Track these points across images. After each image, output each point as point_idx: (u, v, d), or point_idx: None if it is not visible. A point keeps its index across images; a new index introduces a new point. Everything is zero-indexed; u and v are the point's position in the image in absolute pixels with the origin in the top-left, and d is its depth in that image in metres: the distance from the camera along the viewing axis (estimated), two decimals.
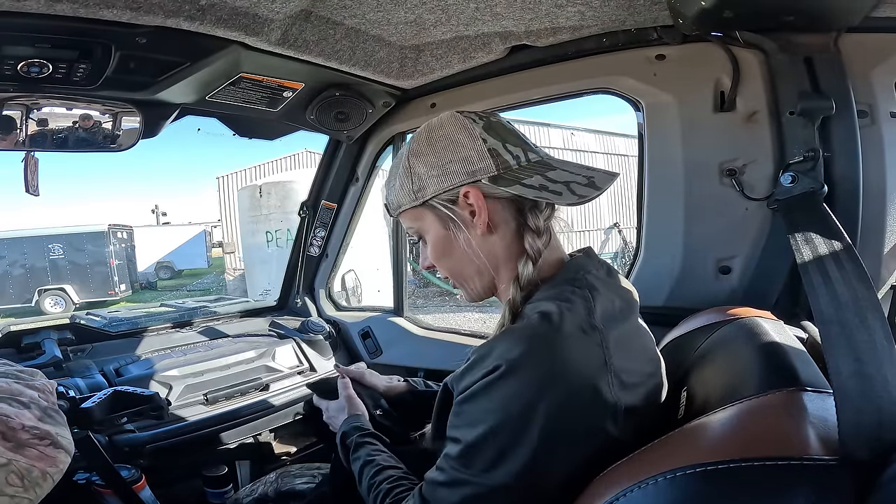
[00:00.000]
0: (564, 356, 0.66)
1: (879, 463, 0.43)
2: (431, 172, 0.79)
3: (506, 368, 0.65)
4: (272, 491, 1.12)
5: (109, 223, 13.49)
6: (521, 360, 0.65)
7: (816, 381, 0.62)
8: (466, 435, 0.67)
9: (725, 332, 0.90)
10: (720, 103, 1.24)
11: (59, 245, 12.82)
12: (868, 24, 1.07)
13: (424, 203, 0.80)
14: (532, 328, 0.68)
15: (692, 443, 0.56)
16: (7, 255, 12.53)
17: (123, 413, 1.25)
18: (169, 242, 16.40)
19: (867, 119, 1.11)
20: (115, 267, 13.16)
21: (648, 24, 1.25)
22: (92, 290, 12.90)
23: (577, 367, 0.66)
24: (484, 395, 0.66)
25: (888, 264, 1.13)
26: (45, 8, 1.06)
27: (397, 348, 1.93)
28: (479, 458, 0.65)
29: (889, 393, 0.48)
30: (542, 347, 0.66)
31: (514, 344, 0.66)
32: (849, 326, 0.56)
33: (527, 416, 0.64)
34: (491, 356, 0.67)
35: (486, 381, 0.66)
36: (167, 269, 16.29)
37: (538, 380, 0.64)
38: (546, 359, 0.65)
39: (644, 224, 1.36)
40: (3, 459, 0.73)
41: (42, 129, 1.37)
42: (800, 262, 0.74)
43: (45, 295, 12.65)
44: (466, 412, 0.68)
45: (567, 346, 0.67)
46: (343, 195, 2.05)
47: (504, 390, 0.65)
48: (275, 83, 1.54)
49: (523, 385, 0.64)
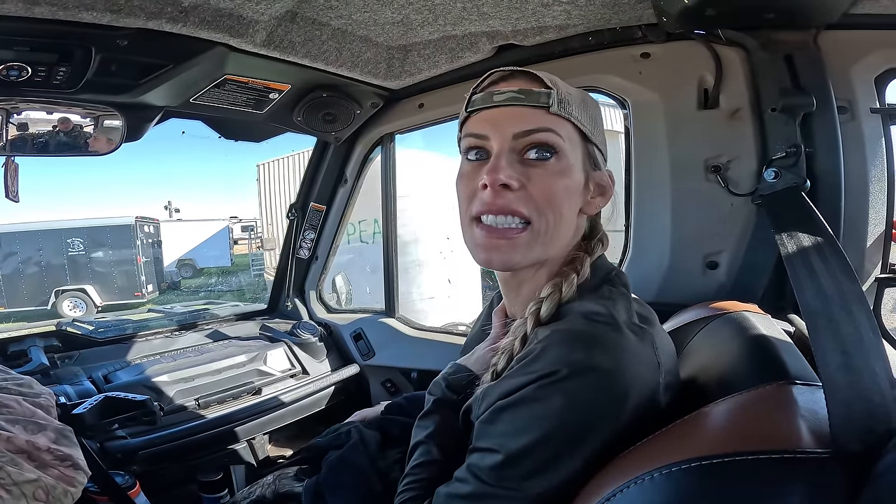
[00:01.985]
0: (628, 359, 0.61)
1: (871, 454, 0.44)
2: (601, 129, 0.76)
3: (568, 372, 0.59)
4: (270, 493, 1.11)
5: (137, 215, 11.84)
6: (585, 364, 0.59)
7: (805, 373, 0.63)
8: (509, 443, 0.61)
9: (714, 326, 0.91)
10: (704, 101, 1.26)
11: (79, 240, 11.21)
12: (846, 21, 1.09)
13: (590, 140, 0.74)
14: (590, 329, 0.63)
15: (687, 437, 0.57)
16: (20, 250, 10.98)
17: (115, 419, 1.24)
18: (190, 238, 14.87)
19: (847, 115, 1.13)
20: (142, 265, 11.57)
21: (633, 22, 1.27)
22: (116, 291, 11.35)
23: (639, 371, 0.62)
24: (538, 400, 0.60)
25: (871, 257, 1.16)
26: (24, 11, 1.04)
27: (389, 349, 1.92)
28: (519, 468, 0.60)
29: (877, 385, 0.49)
30: (606, 351, 0.61)
31: (573, 347, 0.61)
32: (835, 319, 0.57)
33: (588, 425, 0.59)
34: (543, 359, 0.61)
35: (539, 385, 0.60)
36: (189, 267, 14.98)
37: (606, 386, 0.59)
38: (612, 364, 0.60)
39: (632, 221, 1.38)
40: (34, 476, 0.80)
41: (22, 134, 1.34)
42: (785, 256, 0.76)
43: (63, 296, 11.13)
44: (511, 419, 0.62)
45: (629, 349, 0.62)
46: (332, 197, 2.04)
47: (565, 397, 0.59)
48: (261, 85, 1.52)
49: (588, 391, 0.59)
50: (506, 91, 0.71)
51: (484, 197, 0.70)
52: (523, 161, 0.70)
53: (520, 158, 0.70)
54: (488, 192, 0.69)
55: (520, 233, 0.69)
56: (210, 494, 1.48)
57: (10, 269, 10.97)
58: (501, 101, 0.70)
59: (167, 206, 17.72)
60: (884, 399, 0.48)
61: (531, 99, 0.69)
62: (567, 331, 0.64)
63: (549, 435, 0.59)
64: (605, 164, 0.78)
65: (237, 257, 16.17)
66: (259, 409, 1.61)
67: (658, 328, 0.72)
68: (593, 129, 0.74)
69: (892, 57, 1.13)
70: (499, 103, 0.71)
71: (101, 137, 1.44)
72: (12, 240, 10.90)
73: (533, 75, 0.72)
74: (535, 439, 0.59)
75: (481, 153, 0.72)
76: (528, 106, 0.69)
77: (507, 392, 0.63)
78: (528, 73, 0.72)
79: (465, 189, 0.74)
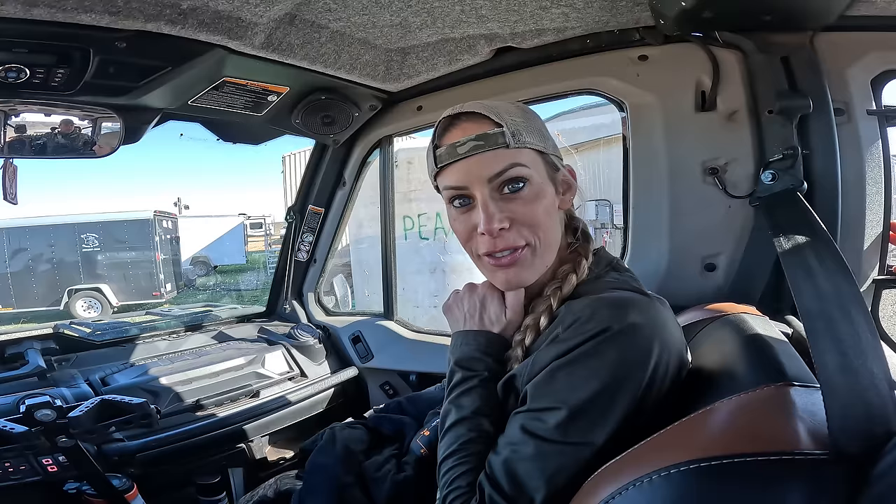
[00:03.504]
0: (663, 319, 0.70)
1: (870, 456, 0.44)
2: (547, 133, 0.83)
3: (619, 328, 0.66)
4: (272, 492, 1.12)
5: (155, 209, 11.07)
6: (630, 321, 0.67)
7: (803, 375, 0.63)
8: (570, 398, 0.66)
9: (713, 328, 0.91)
10: (701, 103, 1.26)
11: (93, 235, 10.39)
12: (843, 23, 1.10)
13: (544, 153, 0.81)
14: (624, 297, 0.73)
15: (686, 439, 0.57)
16: (30, 246, 10.19)
17: (112, 422, 1.23)
18: (204, 235, 14.26)
19: (844, 117, 1.13)
20: (160, 263, 10.77)
21: (631, 25, 1.27)
22: (133, 290, 10.57)
23: (672, 329, 0.71)
24: (593, 356, 0.67)
25: (868, 258, 1.16)
26: (23, 13, 1.04)
27: (388, 352, 1.92)
28: (584, 420, 0.66)
29: (875, 387, 0.49)
30: (643, 312, 0.69)
31: (617, 309, 0.69)
32: (833, 321, 0.57)
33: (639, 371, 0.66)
34: (594, 319, 0.68)
35: (595, 342, 0.67)
36: (203, 264, 14.41)
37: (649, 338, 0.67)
38: (651, 321, 0.68)
39: (630, 223, 1.38)
40: None
41: (20, 136, 1.34)
42: (782, 257, 0.76)
43: (77, 296, 10.35)
44: (569, 376, 0.68)
45: (661, 311, 0.72)
46: (330, 199, 2.04)
47: (618, 350, 0.66)
48: (259, 87, 1.52)
49: (636, 343, 0.67)
50: (465, 142, 0.78)
51: (485, 240, 0.79)
52: (502, 197, 0.78)
53: (499, 195, 0.78)
54: (487, 237, 0.78)
55: (522, 251, 0.79)
56: (207, 497, 1.48)
57: (19, 267, 10.20)
58: (465, 153, 0.78)
59: (176, 203, 16.40)
60: (882, 400, 0.48)
61: (490, 143, 0.77)
62: (606, 298, 0.73)
63: (607, 385, 0.66)
64: (562, 162, 0.86)
65: (249, 255, 15.85)
66: (257, 411, 1.60)
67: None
68: (545, 142, 0.82)
69: (888, 58, 1.13)
70: (463, 155, 0.78)
71: (99, 139, 1.44)
72: (22, 235, 10.17)
73: (480, 115, 0.79)
74: (596, 390, 0.66)
75: (464, 200, 0.81)
76: (490, 150, 0.77)
77: (561, 353, 0.69)
78: (476, 114, 0.79)
79: (462, 231, 0.83)
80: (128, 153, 1.50)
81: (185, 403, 1.51)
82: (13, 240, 10.17)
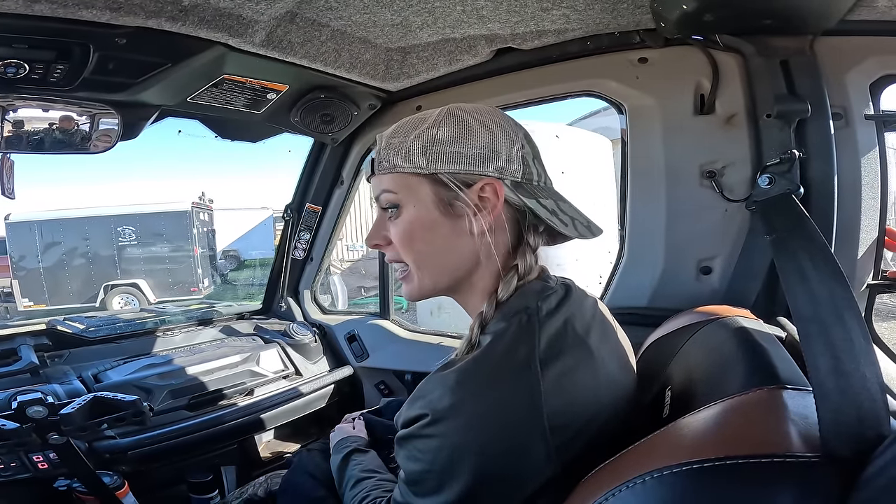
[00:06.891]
0: (497, 404, 0.64)
1: (861, 459, 0.44)
2: (458, 147, 0.72)
3: (431, 419, 0.65)
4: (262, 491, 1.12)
5: (193, 201, 10.54)
6: (447, 412, 0.64)
7: (796, 378, 0.63)
8: (407, 466, 0.69)
9: (707, 331, 0.91)
10: (700, 106, 1.26)
11: (130, 228, 9.84)
12: (843, 28, 1.10)
13: (431, 174, 0.73)
14: (465, 373, 0.67)
15: (678, 441, 0.57)
16: (64, 240, 9.62)
17: (104, 419, 1.22)
18: (233, 228, 13.83)
19: (842, 121, 1.14)
20: (198, 257, 10.19)
21: (631, 27, 1.27)
22: (171, 286, 10.03)
23: (505, 416, 0.64)
24: (417, 438, 0.67)
25: (863, 263, 1.16)
26: (23, 8, 1.04)
27: (383, 351, 1.92)
28: (422, 487, 0.67)
29: (867, 390, 0.49)
30: (470, 397, 0.65)
31: (443, 393, 0.66)
32: (826, 324, 0.57)
33: (460, 461, 0.64)
34: (424, 399, 0.68)
35: (418, 427, 0.67)
36: (233, 258, 14.06)
37: (464, 430, 0.64)
38: (473, 410, 0.64)
39: (627, 226, 1.38)
40: None
41: (18, 131, 1.34)
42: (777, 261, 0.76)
43: (113, 292, 9.83)
44: (405, 448, 0.69)
45: (498, 394, 0.65)
46: (328, 198, 2.04)
47: (432, 440, 0.65)
48: (258, 85, 1.52)
49: (454, 433, 0.64)
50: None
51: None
52: (388, 215, 0.79)
53: (386, 214, 0.79)
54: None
55: (406, 272, 0.80)
56: (199, 495, 1.47)
57: (52, 262, 9.62)
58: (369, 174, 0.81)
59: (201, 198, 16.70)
60: (874, 404, 0.48)
61: (374, 166, 0.79)
62: (444, 376, 0.68)
63: (431, 467, 0.66)
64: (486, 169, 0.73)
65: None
66: (251, 410, 1.60)
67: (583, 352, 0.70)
68: (433, 160, 0.73)
69: (887, 63, 1.13)
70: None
71: (97, 135, 1.43)
72: (55, 228, 9.61)
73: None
74: (423, 469, 0.66)
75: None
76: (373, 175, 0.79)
77: (403, 423, 0.70)
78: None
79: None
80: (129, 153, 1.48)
81: (179, 401, 1.51)
82: (46, 233, 9.67)
